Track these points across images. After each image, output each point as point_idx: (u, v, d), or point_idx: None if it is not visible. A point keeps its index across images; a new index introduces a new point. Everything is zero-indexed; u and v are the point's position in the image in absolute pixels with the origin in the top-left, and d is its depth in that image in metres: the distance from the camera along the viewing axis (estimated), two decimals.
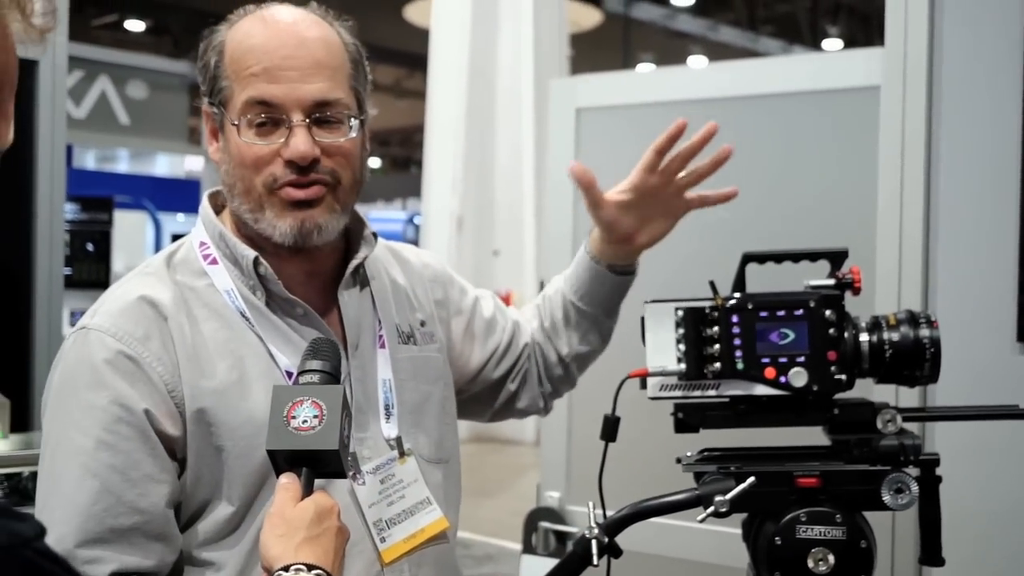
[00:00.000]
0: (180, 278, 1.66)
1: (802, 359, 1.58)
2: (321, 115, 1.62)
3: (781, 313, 1.60)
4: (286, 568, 1.27)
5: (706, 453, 1.67)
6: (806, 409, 1.62)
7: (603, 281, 2.00)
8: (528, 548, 2.95)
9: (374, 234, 1.78)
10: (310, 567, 1.27)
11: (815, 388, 1.58)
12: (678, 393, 1.63)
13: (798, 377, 1.58)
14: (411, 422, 1.76)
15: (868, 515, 1.58)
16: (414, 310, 1.88)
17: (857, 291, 1.64)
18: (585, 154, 2.98)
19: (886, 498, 1.55)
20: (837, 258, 1.67)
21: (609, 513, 1.63)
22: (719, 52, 19.04)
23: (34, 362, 3.64)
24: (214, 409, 1.57)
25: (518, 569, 2.93)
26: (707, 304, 1.62)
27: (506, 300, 2.11)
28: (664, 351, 1.62)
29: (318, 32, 1.66)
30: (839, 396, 1.62)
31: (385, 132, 26.46)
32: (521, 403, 2.07)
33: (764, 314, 1.60)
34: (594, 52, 17.30)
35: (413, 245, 2.05)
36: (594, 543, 1.57)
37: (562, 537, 2.90)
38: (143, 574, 1.51)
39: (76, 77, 11.90)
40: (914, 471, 1.58)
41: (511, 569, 3.20)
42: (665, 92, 2.91)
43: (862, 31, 19.06)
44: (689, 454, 1.67)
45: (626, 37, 18.79)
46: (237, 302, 1.64)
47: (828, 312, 1.59)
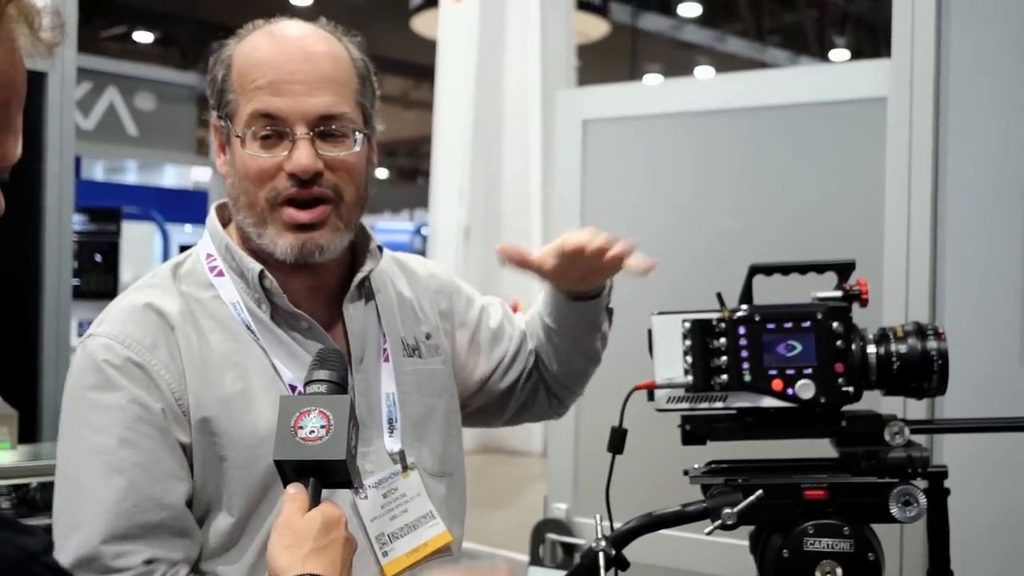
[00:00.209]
0: (186, 289, 1.67)
1: (809, 371, 1.58)
2: (326, 128, 1.62)
3: (788, 325, 1.60)
4: None
5: (713, 465, 1.67)
6: (813, 421, 1.62)
7: (566, 307, 1.94)
8: (535, 560, 2.94)
9: (379, 247, 1.77)
10: None
11: (822, 400, 1.58)
12: (685, 405, 1.62)
13: (805, 389, 1.58)
14: (415, 435, 1.76)
15: (876, 527, 1.58)
16: (420, 322, 1.87)
17: (864, 303, 1.64)
18: (591, 166, 2.98)
19: (894, 510, 1.55)
20: (844, 270, 1.67)
21: (616, 525, 1.63)
22: (726, 63, 19.06)
23: (42, 373, 3.64)
24: (218, 419, 1.57)
25: None
26: (714, 316, 1.62)
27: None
28: (671, 363, 1.62)
29: (325, 47, 1.66)
30: (846, 408, 1.62)
31: (392, 143, 26.50)
32: (534, 408, 2.05)
33: (771, 326, 1.60)
34: (601, 63, 17.31)
35: (420, 256, 2.05)
36: (601, 555, 1.57)
37: (569, 549, 2.89)
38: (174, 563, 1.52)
39: (85, 88, 11.95)
40: (922, 483, 1.58)
41: None
42: (671, 104, 2.92)
43: (869, 42, 19.07)
44: (696, 466, 1.67)
45: (633, 48, 18.81)
46: (243, 314, 1.65)
47: (835, 324, 1.59)
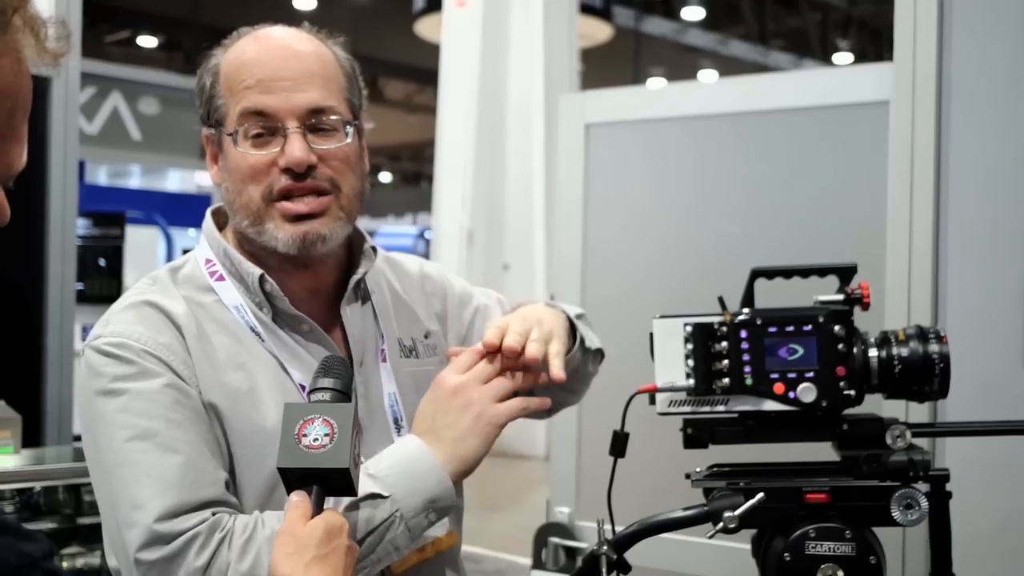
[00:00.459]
0: (187, 293, 1.68)
1: (811, 374, 1.58)
2: (316, 122, 1.64)
3: (790, 328, 1.60)
4: None
5: (715, 469, 1.67)
6: (815, 425, 1.61)
7: None
8: (538, 564, 2.95)
9: (373, 248, 1.79)
10: None
11: (824, 404, 1.58)
12: (687, 409, 1.62)
13: (807, 393, 1.58)
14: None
15: (878, 531, 1.58)
16: (417, 322, 1.88)
17: (866, 306, 1.64)
18: (594, 170, 2.99)
19: (896, 514, 1.55)
20: (846, 273, 1.67)
21: (618, 529, 1.63)
22: (729, 66, 19.08)
23: (46, 378, 3.66)
24: (228, 415, 1.59)
25: None
26: (716, 320, 1.62)
27: None
28: (673, 367, 1.62)
29: (310, 46, 1.69)
30: (848, 412, 1.61)
31: (396, 147, 26.54)
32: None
33: (773, 329, 1.60)
34: (604, 66, 17.34)
35: (415, 256, 2.04)
36: (603, 559, 1.57)
37: (572, 553, 2.89)
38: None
39: (88, 93, 11.96)
40: (924, 487, 1.58)
41: None
42: (674, 108, 2.92)
43: (872, 45, 19.09)
44: (698, 470, 1.67)
45: (636, 52, 18.83)
46: (247, 317, 1.66)
47: (837, 327, 1.59)
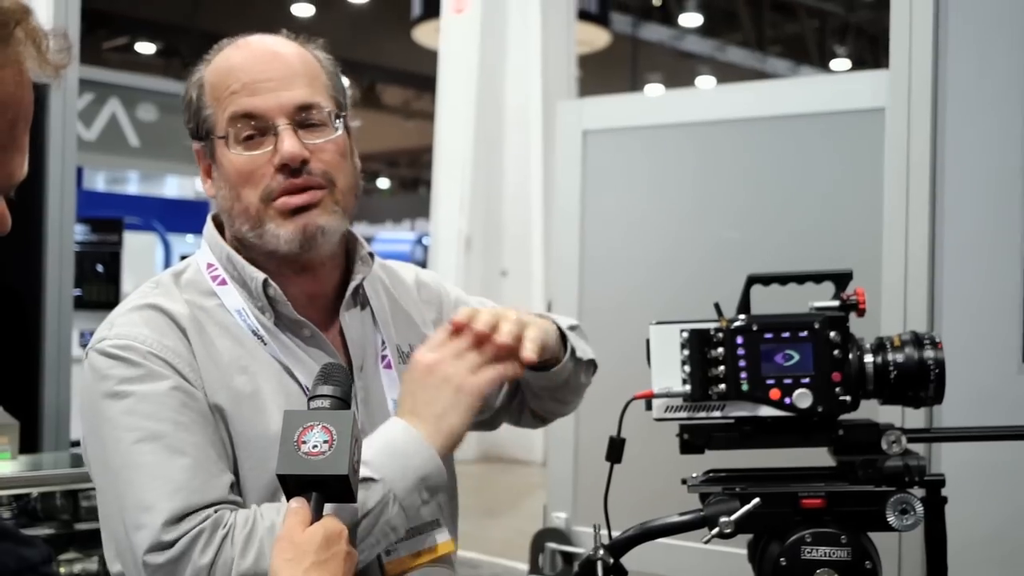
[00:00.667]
0: (189, 297, 1.68)
1: (807, 380, 1.59)
2: (306, 116, 1.66)
3: (786, 335, 1.60)
4: None
5: (711, 474, 1.67)
6: (811, 430, 1.62)
7: (527, 374, 1.80)
8: (535, 569, 2.95)
9: (370, 254, 1.79)
10: None
11: (820, 409, 1.58)
12: (683, 414, 1.63)
13: (803, 398, 1.58)
14: None
15: (874, 536, 1.58)
16: (414, 329, 1.89)
17: (861, 313, 1.64)
18: (591, 176, 3.00)
19: (891, 519, 1.55)
20: (842, 280, 1.67)
21: (615, 534, 1.64)
22: (727, 72, 19.10)
23: (43, 383, 3.66)
24: (232, 418, 1.60)
25: None
26: (712, 326, 1.62)
27: None
28: (669, 373, 1.62)
29: (291, 48, 1.71)
30: (844, 417, 1.62)
31: (394, 153, 26.55)
32: (538, 412, 1.97)
33: (769, 336, 1.60)
34: (602, 73, 17.36)
35: (410, 264, 2.05)
36: (599, 564, 1.58)
37: (569, 558, 2.90)
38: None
39: (87, 100, 11.97)
40: (920, 492, 1.59)
41: None
42: (670, 115, 2.93)
43: (870, 51, 19.12)
44: (695, 475, 1.68)
45: (634, 58, 18.86)
46: (250, 321, 1.67)
47: (833, 333, 1.60)
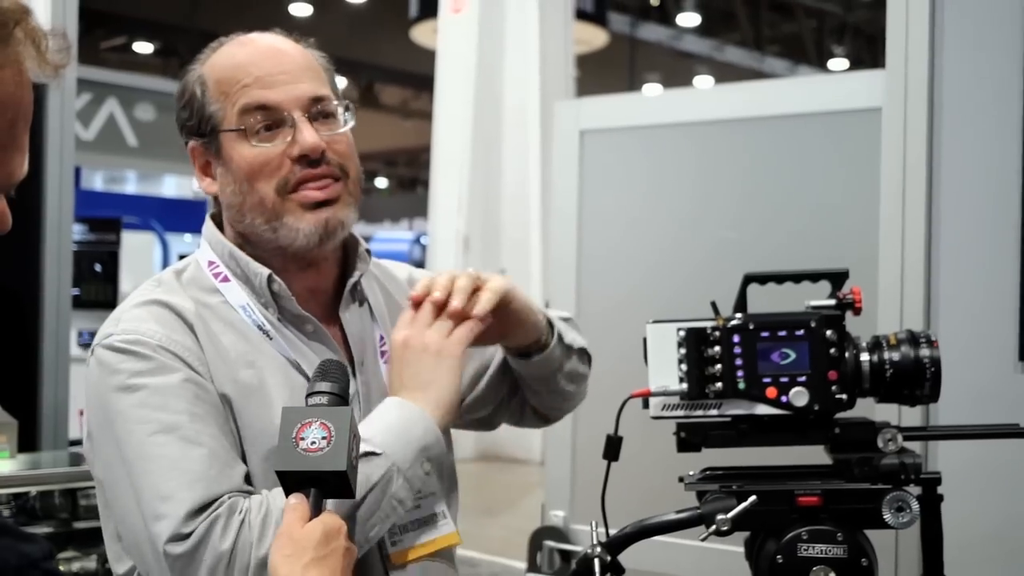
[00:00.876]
0: (192, 294, 1.69)
1: (803, 379, 1.59)
2: (320, 109, 1.68)
3: (782, 333, 1.61)
4: None
5: (708, 472, 1.68)
6: (807, 428, 1.63)
7: (515, 363, 1.88)
8: (533, 567, 2.95)
9: (367, 251, 1.81)
10: None
11: (816, 407, 1.59)
12: (680, 413, 1.63)
13: (799, 397, 1.59)
14: None
15: (871, 533, 1.59)
16: None
17: (858, 311, 1.65)
18: (589, 176, 3.00)
19: (887, 516, 1.56)
20: (838, 279, 1.68)
21: (612, 532, 1.64)
22: (725, 72, 19.11)
23: (42, 382, 3.66)
24: (239, 411, 1.61)
25: None
26: (709, 324, 1.63)
27: None
28: (666, 371, 1.63)
29: (292, 45, 1.74)
30: (840, 415, 1.63)
31: (392, 152, 26.55)
32: (530, 415, 1.99)
33: (765, 334, 1.61)
34: (600, 72, 17.36)
35: (403, 263, 2.06)
36: (597, 561, 1.58)
37: (566, 556, 2.90)
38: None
39: (85, 99, 11.97)
40: (916, 490, 1.59)
41: None
42: (667, 114, 2.94)
43: (868, 51, 19.12)
44: (691, 473, 1.68)
45: (632, 58, 18.86)
46: (255, 316, 1.67)
47: (829, 332, 1.60)
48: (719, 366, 1.61)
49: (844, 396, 1.60)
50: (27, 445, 3.44)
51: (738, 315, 1.64)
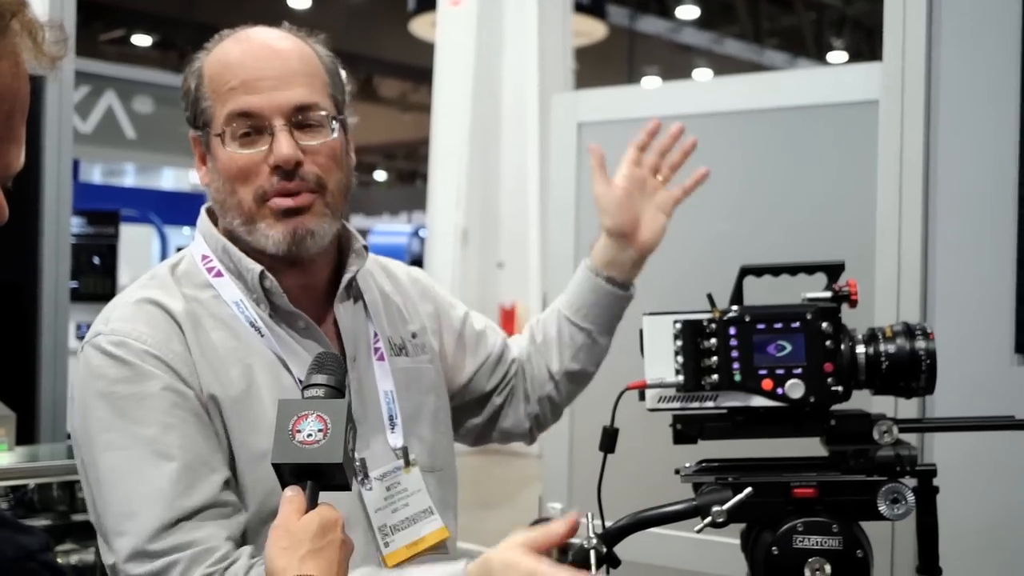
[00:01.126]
0: (186, 290, 1.69)
1: (799, 371, 1.60)
2: (303, 118, 1.66)
3: (778, 325, 1.61)
4: None
5: (704, 464, 1.68)
6: (803, 420, 1.63)
7: (600, 294, 2.03)
8: None
9: (365, 247, 1.81)
10: None
11: (812, 399, 1.59)
12: (676, 405, 1.64)
13: (795, 389, 1.59)
14: (406, 432, 1.79)
15: (867, 525, 1.59)
16: (405, 322, 1.91)
17: (854, 303, 1.65)
18: (587, 169, 3.00)
19: (882, 508, 1.56)
20: (834, 271, 1.68)
21: (608, 523, 1.65)
22: (724, 65, 19.09)
23: (40, 376, 3.67)
24: (227, 414, 1.61)
25: None
26: (705, 317, 1.63)
27: (511, 312, 2.14)
28: (662, 363, 1.63)
29: (291, 44, 1.71)
30: (836, 407, 1.63)
31: (390, 145, 26.52)
32: (506, 422, 2.08)
33: (761, 326, 1.61)
34: (599, 65, 17.34)
35: (400, 262, 2.08)
36: (592, 553, 1.59)
37: (563, 548, 2.90)
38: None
39: (83, 92, 11.97)
40: (912, 482, 1.60)
41: None
42: (665, 106, 2.93)
43: (867, 43, 19.10)
44: (687, 465, 1.69)
45: (631, 50, 18.84)
46: (247, 312, 1.68)
47: (825, 324, 1.61)
48: (715, 358, 1.61)
49: (840, 388, 1.60)
50: (25, 438, 3.44)
51: (734, 307, 1.65)
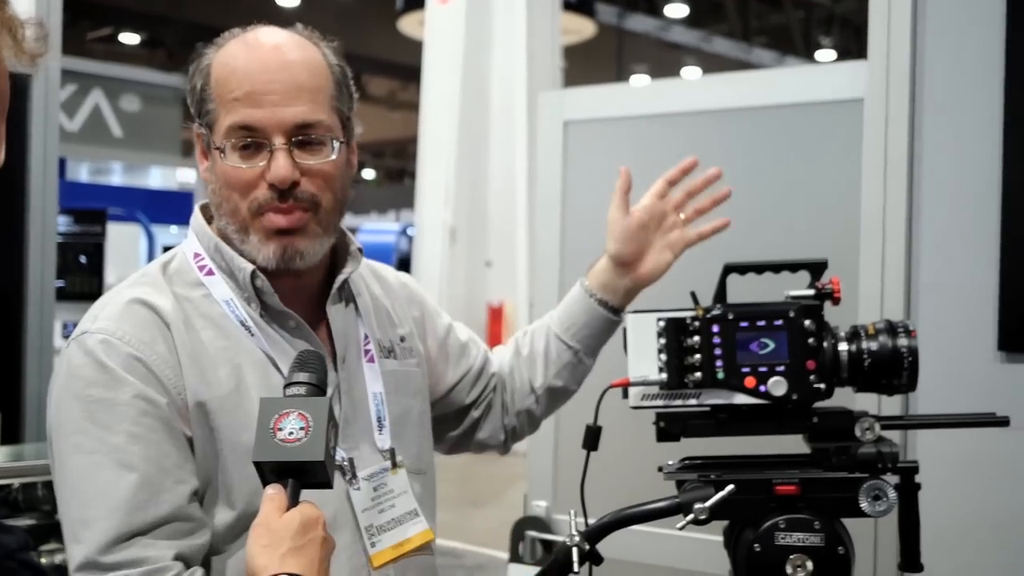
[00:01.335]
0: (177, 289, 1.68)
1: (782, 368, 1.61)
2: (304, 137, 1.64)
3: (761, 323, 1.62)
4: None
5: (687, 461, 1.69)
6: (786, 418, 1.64)
7: (592, 316, 2.03)
8: (515, 557, 2.96)
9: (359, 249, 1.80)
10: None
11: (794, 397, 1.60)
12: (660, 402, 1.64)
13: (778, 386, 1.60)
14: (393, 434, 1.79)
15: (850, 522, 1.60)
16: (394, 325, 1.91)
17: (836, 301, 1.66)
18: (572, 167, 3.00)
19: (863, 505, 1.57)
20: (817, 269, 1.69)
21: (591, 521, 1.65)
22: (713, 63, 19.12)
23: (26, 375, 3.65)
24: (215, 414, 1.60)
25: None
26: (688, 314, 1.64)
27: (499, 311, 2.15)
28: (646, 361, 1.64)
29: (300, 55, 1.68)
30: (818, 405, 1.64)
31: (379, 144, 26.52)
32: (482, 433, 2.10)
33: (744, 324, 1.62)
34: (588, 64, 17.35)
35: (388, 266, 2.08)
36: (575, 551, 1.59)
37: (548, 546, 2.91)
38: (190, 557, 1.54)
39: (70, 90, 11.94)
40: (894, 478, 1.60)
41: None
42: (650, 105, 2.93)
43: (855, 42, 19.14)
44: (671, 462, 1.69)
45: (619, 49, 18.86)
46: (238, 312, 1.67)
47: (807, 322, 1.61)
48: (698, 356, 1.62)
49: (822, 385, 1.61)
50: (10, 437, 3.43)
51: (718, 305, 1.65)
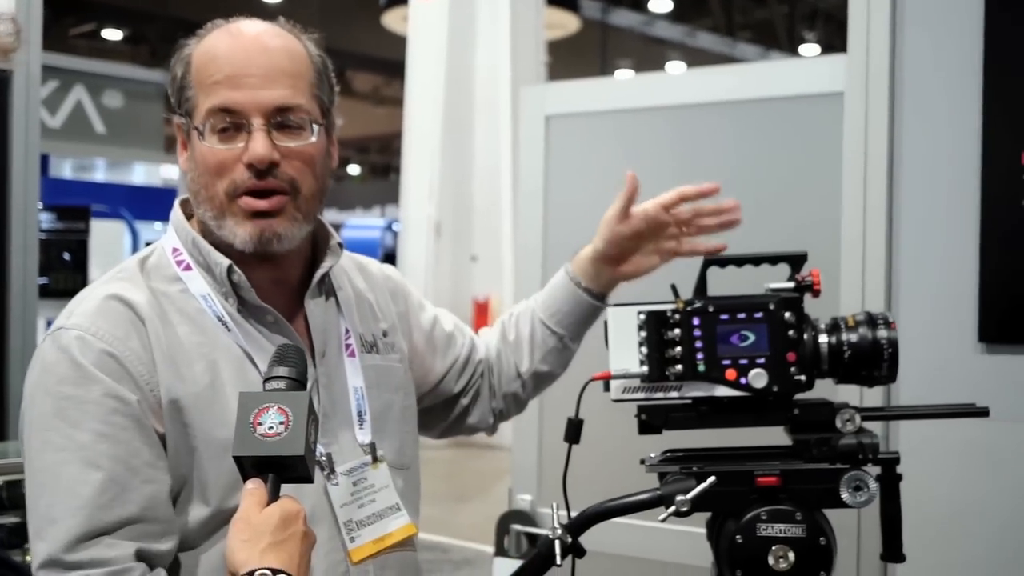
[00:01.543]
0: (154, 284, 1.68)
1: (762, 360, 1.61)
2: (283, 120, 1.65)
3: (741, 316, 1.62)
4: (251, 573, 1.28)
5: (669, 454, 1.70)
6: (767, 410, 1.64)
7: (576, 302, 2.06)
8: (500, 551, 2.97)
9: (340, 244, 1.80)
10: (275, 572, 1.28)
11: (775, 389, 1.61)
12: (641, 395, 1.65)
13: (758, 378, 1.60)
14: (374, 429, 1.79)
15: (832, 513, 1.61)
16: (377, 320, 1.91)
17: (816, 293, 1.67)
18: (555, 161, 3.01)
19: (845, 496, 1.58)
20: (797, 261, 1.70)
21: (574, 514, 1.65)
22: (697, 58, 19.15)
23: (8, 372, 3.63)
24: (189, 410, 1.59)
25: (491, 573, 2.95)
26: (669, 307, 1.64)
27: (485, 305, 2.16)
28: (627, 354, 1.64)
29: (281, 42, 1.70)
30: (799, 396, 1.64)
31: (364, 139, 26.48)
32: (472, 418, 2.13)
33: (725, 317, 1.62)
34: (572, 59, 17.35)
35: (373, 259, 2.08)
36: (557, 543, 1.59)
37: (533, 539, 2.92)
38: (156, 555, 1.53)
39: (52, 87, 11.88)
40: (875, 469, 1.61)
41: (486, 573, 3.22)
42: (632, 99, 2.94)
43: (839, 36, 19.16)
44: (652, 455, 1.70)
45: (604, 43, 18.86)
46: (215, 307, 1.67)
47: (787, 314, 1.62)
48: (679, 348, 1.62)
49: (803, 377, 1.61)
50: None
51: (698, 298, 1.66)
